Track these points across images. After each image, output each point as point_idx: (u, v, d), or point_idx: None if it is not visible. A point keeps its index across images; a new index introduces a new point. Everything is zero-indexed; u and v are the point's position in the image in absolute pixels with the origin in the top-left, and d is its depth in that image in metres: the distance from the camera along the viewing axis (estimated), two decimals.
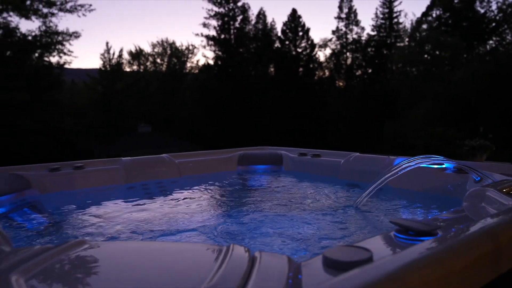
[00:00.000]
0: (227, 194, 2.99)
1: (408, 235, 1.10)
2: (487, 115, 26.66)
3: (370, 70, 47.82)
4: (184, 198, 2.71)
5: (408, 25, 46.83)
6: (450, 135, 4.82)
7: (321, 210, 2.24)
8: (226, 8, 42.78)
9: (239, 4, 43.32)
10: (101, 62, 46.01)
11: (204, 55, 56.42)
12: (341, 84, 49.27)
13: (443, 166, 2.31)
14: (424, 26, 39.85)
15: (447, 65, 33.11)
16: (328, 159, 3.09)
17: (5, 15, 23.73)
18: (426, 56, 35.22)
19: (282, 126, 43.11)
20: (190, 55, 51.13)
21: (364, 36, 47.38)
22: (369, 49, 47.64)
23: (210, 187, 3.03)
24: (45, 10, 26.24)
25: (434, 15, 39.64)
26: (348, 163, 2.88)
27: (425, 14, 39.69)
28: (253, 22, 46.14)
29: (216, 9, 42.75)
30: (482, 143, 6.05)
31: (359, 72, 48.87)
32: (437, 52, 34.74)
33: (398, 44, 44.18)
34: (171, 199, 2.69)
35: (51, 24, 27.87)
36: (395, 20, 46.21)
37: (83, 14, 32.03)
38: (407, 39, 44.28)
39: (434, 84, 30.32)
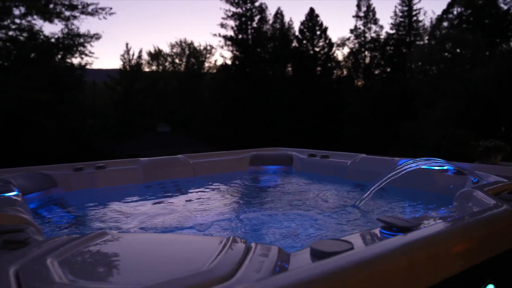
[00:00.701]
0: (239, 193, 3.13)
1: (392, 231, 1.21)
2: (509, 115, 26.05)
3: (388, 69, 47.23)
4: (198, 197, 2.87)
5: (427, 23, 46.05)
6: (462, 135, 4.82)
7: (323, 209, 2.36)
8: (244, 8, 42.96)
9: (257, 4, 43.43)
10: (121, 63, 46.86)
11: (221, 55, 56.82)
12: (359, 83, 48.89)
13: (445, 168, 2.40)
14: (445, 24, 39.15)
15: (468, 63, 32.46)
16: (335, 160, 3.20)
17: (29, 18, 24.47)
18: (446, 54, 34.61)
19: (299, 126, 43.03)
20: (208, 55, 51.53)
21: (382, 35, 46.81)
22: (387, 48, 47.07)
23: (223, 186, 3.18)
24: (67, 13, 26.94)
25: (455, 12, 38.91)
26: (354, 164, 2.98)
27: (446, 12, 38.99)
28: (270, 22, 46.16)
29: (233, 9, 42.98)
30: (497, 144, 6.03)
31: (377, 71, 48.34)
32: (458, 50, 34.09)
33: (418, 43, 43.52)
34: (185, 198, 2.86)
35: (73, 26, 28.58)
36: (415, 18, 45.52)
37: (104, 17, 32.71)
38: (426, 37, 43.59)
39: (454, 83, 29.78)
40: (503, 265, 1.23)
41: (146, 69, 49.61)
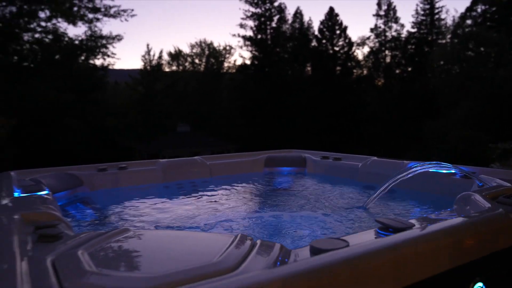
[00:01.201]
0: (253, 193, 3.26)
1: (388, 231, 1.31)
2: None
3: (409, 69, 46.52)
4: (213, 197, 3.01)
5: (450, 21, 45.14)
6: (479, 138, 4.81)
7: (333, 210, 2.46)
8: (263, 9, 43.06)
9: (276, 4, 43.45)
10: (142, 63, 47.63)
11: (241, 56, 57.10)
12: (379, 83, 48.33)
13: (452, 171, 2.46)
14: (468, 22, 38.31)
15: (492, 62, 31.69)
16: (347, 162, 3.28)
17: (54, 21, 25.20)
18: (469, 53, 33.87)
19: (318, 126, 42.86)
20: (227, 55, 51.89)
21: (403, 34, 46.13)
22: (409, 47, 46.38)
23: (238, 186, 3.31)
24: (90, 16, 27.61)
25: (479, 10, 38.02)
26: (365, 166, 3.06)
27: (469, 9, 38.14)
28: (289, 21, 46.10)
29: (252, 9, 43.12)
30: None
31: (398, 71, 47.69)
32: (482, 49, 33.30)
33: (440, 41, 42.73)
34: (202, 197, 3.00)
35: (96, 28, 29.27)
36: (437, 16, 44.72)
37: (125, 19, 33.38)
38: (449, 36, 42.72)
39: (476, 82, 29.15)
40: (493, 264, 1.31)
41: (166, 69, 50.30)
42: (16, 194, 1.94)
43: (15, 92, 23.41)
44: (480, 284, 1.26)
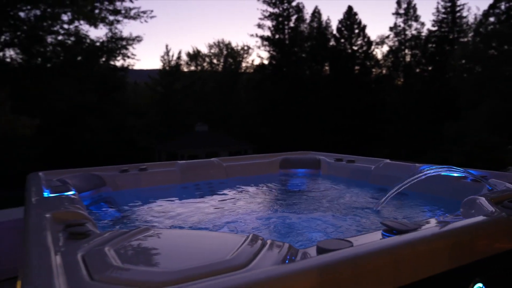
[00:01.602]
0: (267, 194, 3.35)
1: (392, 233, 1.39)
2: None
3: (430, 68, 45.75)
4: (229, 197, 3.11)
5: (471, 19, 44.13)
6: (496, 141, 4.78)
7: (345, 211, 2.53)
8: (281, 9, 43.05)
9: (294, 4, 43.38)
10: (161, 63, 48.23)
11: (258, 56, 57.22)
12: (399, 82, 47.70)
13: (463, 175, 2.50)
14: (492, 19, 37.42)
15: None
16: (360, 165, 3.34)
17: (76, 23, 25.83)
18: (492, 51, 33.09)
19: (337, 126, 42.62)
20: (245, 55, 52.12)
21: (424, 32, 45.38)
22: (429, 45, 45.63)
23: (253, 188, 3.40)
24: (111, 18, 28.15)
25: (502, 7, 37.10)
26: (378, 169, 3.12)
27: (492, 6, 37.25)
28: (307, 21, 45.93)
29: (270, 9, 43.16)
30: None
31: (418, 70, 46.97)
32: (506, 47, 32.46)
33: (461, 40, 41.87)
34: (218, 198, 3.11)
35: (116, 30, 29.85)
36: (458, 14, 43.87)
37: (145, 21, 33.93)
38: (471, 34, 41.80)
39: (500, 82, 28.49)
40: (494, 266, 1.37)
41: (185, 69, 50.85)
42: (45, 194, 2.08)
43: (39, 93, 24.12)
44: (479, 284, 1.32)
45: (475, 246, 1.34)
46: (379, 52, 51.23)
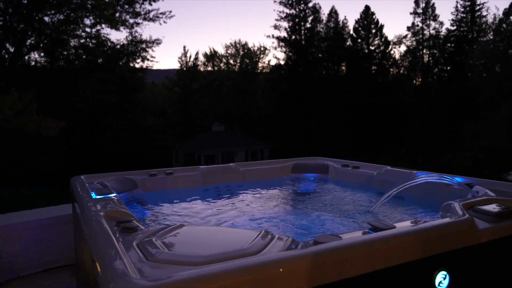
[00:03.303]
0: (280, 196, 3.72)
1: (376, 231, 1.74)
2: None
3: (448, 67, 45.27)
4: (246, 199, 3.50)
5: (491, 19, 43.43)
6: (499, 147, 4.97)
7: (346, 213, 2.88)
8: (297, 10, 43.26)
9: (310, 4, 43.52)
10: (179, 64, 48.96)
11: (275, 56, 57.50)
12: (417, 82, 47.31)
13: (451, 182, 2.82)
14: None
15: None
16: (365, 170, 3.67)
17: (98, 27, 26.64)
18: (511, 51, 32.58)
19: (354, 125, 42.58)
20: (261, 56, 52.51)
21: (442, 32, 44.92)
22: (448, 45, 45.13)
23: (268, 190, 3.78)
24: (131, 21, 28.87)
25: None
26: (380, 174, 3.45)
27: None
28: (324, 21, 45.98)
29: (287, 10, 43.42)
30: None
31: (436, 70, 46.51)
32: None
33: (481, 39, 41.30)
34: (236, 199, 3.50)
35: (136, 34, 30.59)
36: (478, 13, 43.28)
37: (164, 22, 34.63)
38: (491, 34, 41.20)
39: None
40: (456, 258, 1.71)
41: (201, 69, 51.49)
42: (93, 196, 2.50)
43: (63, 94, 25.02)
44: (444, 272, 1.67)
45: (441, 241, 1.68)
46: (397, 52, 50.70)
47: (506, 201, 2.16)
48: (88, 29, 26.48)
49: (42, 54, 26.50)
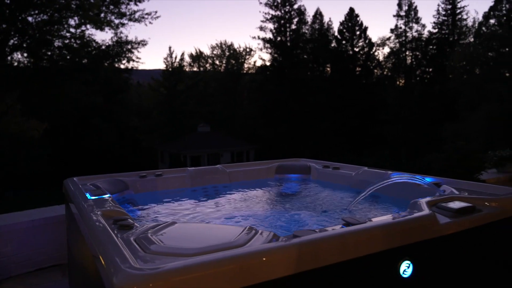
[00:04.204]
0: (265, 196, 3.92)
1: (348, 226, 1.95)
2: None
3: (430, 69, 46.22)
4: (232, 199, 3.69)
5: (470, 23, 44.55)
6: (471, 148, 5.27)
7: (325, 211, 3.10)
8: (282, 11, 43.61)
9: (295, 6, 43.89)
10: (164, 65, 48.75)
11: (260, 58, 57.74)
12: (400, 83, 48.14)
13: (421, 182, 3.06)
14: (492, 21, 37.80)
15: None
16: (344, 171, 3.90)
17: (83, 28, 26.45)
18: (491, 54, 33.47)
19: (339, 126, 43.11)
20: (247, 57, 52.70)
21: (424, 34, 45.84)
22: (430, 47, 46.06)
23: (253, 190, 3.97)
24: (116, 21, 28.74)
25: (504, 8, 37.46)
26: (358, 175, 3.68)
27: (493, 8, 37.63)
28: (309, 23, 46.42)
29: (272, 12, 43.73)
30: None
31: (419, 71, 47.42)
32: (507, 49, 32.79)
33: (462, 42, 42.29)
34: (222, 199, 3.68)
35: (122, 35, 30.45)
36: (459, 16, 44.31)
37: (150, 22, 34.52)
38: (471, 36, 42.23)
39: (498, 84, 28.95)
40: (419, 249, 1.93)
41: (187, 70, 51.38)
42: (88, 197, 2.65)
43: (47, 96, 24.78)
44: (408, 262, 1.88)
45: (405, 234, 1.90)
46: (381, 53, 51.46)
47: (467, 198, 2.40)
48: (72, 30, 26.30)
49: (25, 55, 26.18)
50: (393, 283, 1.87)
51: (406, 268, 1.88)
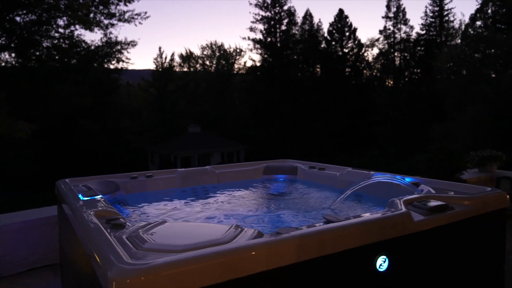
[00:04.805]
0: (253, 196, 4.04)
1: (328, 223, 2.08)
2: None
3: (419, 70, 46.81)
4: (221, 199, 3.80)
5: (457, 24, 45.28)
6: (453, 149, 5.45)
7: (310, 209, 3.23)
8: (272, 12, 43.79)
9: (285, 7, 44.11)
10: (154, 65, 48.58)
11: (251, 58, 57.84)
12: (389, 84, 48.66)
13: (399, 182, 3.21)
14: (478, 23, 38.40)
15: (500, 65, 31.84)
16: (329, 172, 4.04)
17: (72, 28, 26.30)
18: (477, 55, 34.01)
19: (329, 127, 43.42)
20: (237, 57, 52.78)
21: (413, 36, 46.42)
22: (418, 49, 46.65)
23: (241, 191, 4.09)
24: (106, 22, 28.62)
25: (490, 11, 38.09)
26: (342, 175, 3.82)
27: (479, 10, 38.23)
28: (299, 23, 46.67)
29: (262, 13, 43.88)
30: (493, 154, 6.68)
31: (407, 72, 47.98)
32: (493, 51, 33.35)
33: (449, 43, 42.89)
34: (211, 199, 3.79)
35: (111, 35, 30.33)
36: (446, 18, 44.94)
37: (140, 23, 34.37)
38: (458, 38, 42.88)
39: (484, 85, 29.45)
40: (394, 244, 2.07)
41: (177, 70, 51.26)
42: (81, 197, 2.75)
43: (36, 96, 24.59)
44: (384, 256, 2.02)
45: (382, 231, 2.04)
46: (370, 54, 51.89)
47: (441, 197, 2.55)
48: (61, 30, 26.14)
49: (13, 55, 25.95)
50: (369, 276, 2.00)
51: (382, 263, 2.02)
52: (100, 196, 2.82)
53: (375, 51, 58.93)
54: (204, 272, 1.52)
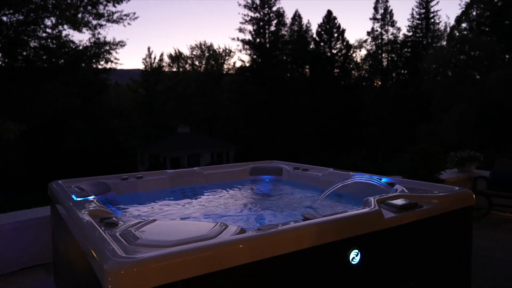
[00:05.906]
0: (239, 196, 4.21)
1: (306, 220, 2.26)
2: None
3: (405, 71, 47.48)
4: (208, 199, 3.97)
5: (442, 27, 46.02)
6: (432, 149, 5.67)
7: (293, 208, 3.42)
8: (261, 13, 44.01)
9: (274, 8, 44.37)
10: (143, 65, 48.43)
11: (240, 59, 57.85)
12: (377, 85, 49.25)
13: (377, 183, 3.42)
14: (464, 25, 39.12)
15: (486, 66, 32.49)
16: (312, 172, 4.23)
17: (60, 28, 26.15)
18: (462, 57, 34.66)
19: (318, 127, 43.77)
20: (227, 57, 52.89)
21: (400, 37, 47.10)
22: (405, 50, 47.32)
23: (228, 191, 4.26)
24: (94, 22, 28.52)
25: (474, 13, 38.82)
26: (324, 176, 4.01)
27: (464, 13, 38.96)
28: (288, 24, 46.97)
29: (251, 14, 44.09)
30: (472, 155, 6.96)
31: (395, 73, 48.63)
32: (477, 53, 34.02)
33: (435, 45, 43.60)
34: (200, 199, 3.95)
35: (100, 35, 30.22)
36: (432, 20, 45.66)
37: (128, 23, 34.29)
38: (444, 40, 43.62)
39: (468, 87, 30.08)
40: (366, 239, 2.26)
41: (166, 70, 51.15)
42: (75, 198, 2.89)
43: (23, 96, 24.42)
44: (356, 250, 2.21)
45: (354, 227, 2.23)
46: (358, 55, 52.39)
47: (412, 196, 2.76)
48: (49, 30, 26.01)
49: (0, 55, 25.72)
50: (343, 269, 2.19)
51: (354, 256, 2.21)
52: (92, 196, 2.97)
53: (363, 52, 59.50)
54: (192, 264, 1.69)
